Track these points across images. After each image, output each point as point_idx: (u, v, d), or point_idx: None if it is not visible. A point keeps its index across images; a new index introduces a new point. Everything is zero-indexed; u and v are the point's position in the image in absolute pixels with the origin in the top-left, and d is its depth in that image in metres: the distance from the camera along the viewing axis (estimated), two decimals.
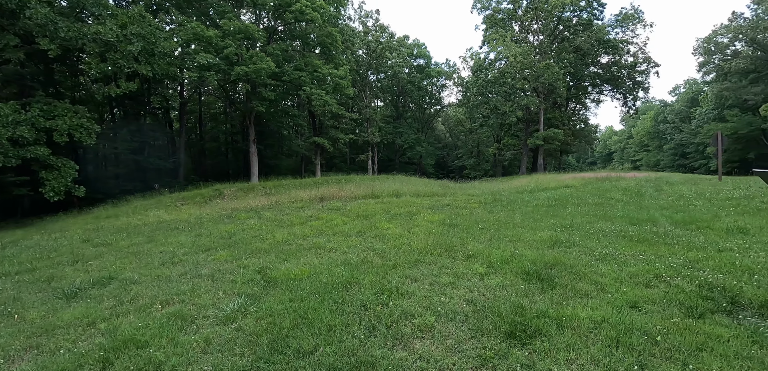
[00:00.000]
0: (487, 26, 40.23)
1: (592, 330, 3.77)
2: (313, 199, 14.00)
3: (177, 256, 7.62)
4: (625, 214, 10.07)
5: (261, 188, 20.59)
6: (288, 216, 11.26)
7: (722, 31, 44.32)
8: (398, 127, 48.75)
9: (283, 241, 8.37)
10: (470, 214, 10.93)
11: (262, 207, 13.23)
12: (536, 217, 10.18)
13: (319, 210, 12.01)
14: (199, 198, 18.34)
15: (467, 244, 7.36)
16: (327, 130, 35.32)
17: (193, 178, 35.80)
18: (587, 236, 7.79)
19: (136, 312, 4.84)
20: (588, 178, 20.82)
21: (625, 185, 16.44)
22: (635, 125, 74.55)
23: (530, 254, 6.40)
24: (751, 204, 10.46)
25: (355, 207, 12.02)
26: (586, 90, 44.28)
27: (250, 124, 28.73)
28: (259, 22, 29.97)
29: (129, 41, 18.19)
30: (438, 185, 22.27)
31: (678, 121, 60.15)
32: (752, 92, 40.04)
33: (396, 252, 6.91)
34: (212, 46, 22.49)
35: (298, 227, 9.79)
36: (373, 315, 4.26)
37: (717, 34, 44.77)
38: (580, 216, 10.10)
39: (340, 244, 7.81)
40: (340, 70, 28.00)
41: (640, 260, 6.00)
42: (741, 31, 42.01)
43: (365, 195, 14.19)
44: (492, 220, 9.88)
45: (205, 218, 12.12)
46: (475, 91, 40.45)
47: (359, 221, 10.09)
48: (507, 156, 50.22)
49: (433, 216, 10.48)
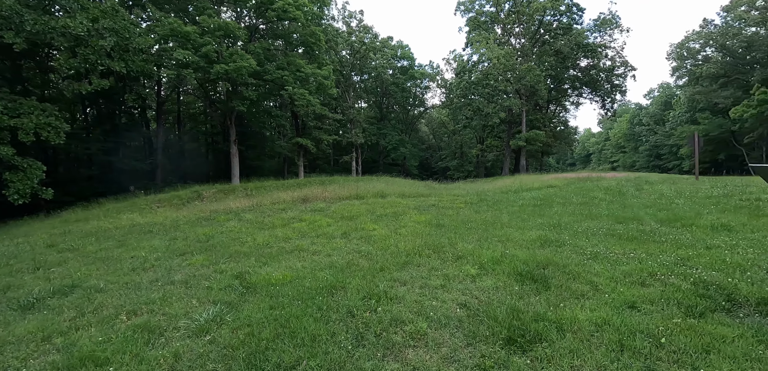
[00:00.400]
0: (470, 29, 40.49)
1: (594, 334, 3.56)
2: (296, 201, 13.56)
3: (149, 261, 7.11)
4: (610, 213, 10.06)
5: (242, 190, 19.95)
6: (269, 218, 10.80)
7: (694, 37, 45.89)
8: (382, 129, 48.52)
9: (264, 244, 7.94)
10: (457, 214, 10.73)
11: (243, 209, 12.71)
12: (523, 217, 10.05)
13: (302, 212, 11.59)
14: (177, 200, 17.59)
15: (456, 245, 7.12)
16: (310, 131, 34.74)
17: (171, 179, 34.58)
18: (576, 235, 7.67)
19: (99, 324, 4.38)
20: (570, 178, 21.05)
21: (606, 185, 16.62)
22: (612, 127, 76.54)
23: (521, 254, 6.20)
24: (730, 202, 10.62)
25: (339, 209, 11.66)
26: (566, 92, 45.11)
27: (231, 125, 27.95)
28: (240, 20, 29.23)
29: (101, 36, 17.31)
30: (423, 186, 22.12)
31: (652, 124, 62.01)
32: (722, 96, 41.55)
33: (383, 254, 6.60)
34: (190, 42, 21.71)
35: (279, 229, 9.36)
36: (360, 322, 3.93)
37: (689, 40, 46.33)
38: (566, 216, 10.03)
39: (324, 247, 7.44)
40: (323, 69, 27.54)
41: (631, 258, 5.87)
42: (712, 37, 43.58)
43: (349, 196, 13.84)
44: (479, 220, 9.69)
45: (182, 221, 11.52)
46: (459, 92, 40.63)
47: (344, 222, 9.74)
48: (490, 157, 50.66)
49: (419, 217, 10.22)
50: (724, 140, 42.98)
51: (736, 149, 42.92)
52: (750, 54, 41.30)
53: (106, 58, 18.12)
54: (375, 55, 43.93)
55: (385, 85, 48.75)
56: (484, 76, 37.56)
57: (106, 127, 34.39)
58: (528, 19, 38.10)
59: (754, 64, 41.30)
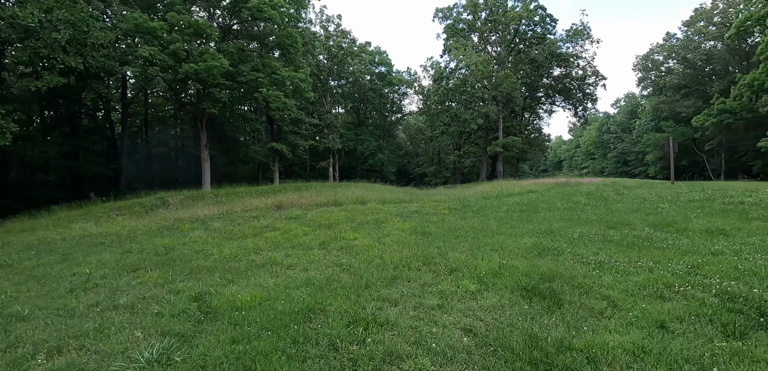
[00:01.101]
0: (447, 36, 40.47)
1: (632, 365, 2.91)
2: (270, 208, 12.55)
3: (92, 280, 6.03)
4: (599, 218, 9.68)
5: (212, 196, 18.64)
6: (240, 227, 9.79)
7: (658, 49, 47.78)
8: (360, 134, 47.71)
9: (232, 257, 6.99)
10: (442, 221, 10.08)
11: (211, 217, 11.60)
12: (512, 223, 9.51)
13: (276, 220, 10.63)
14: (139, 207, 16.13)
15: (447, 255, 6.43)
16: (286, 136, 33.46)
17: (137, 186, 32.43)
18: (572, 242, 7.14)
19: (8, 367, 3.37)
20: (549, 184, 20.90)
21: (586, 189, 16.48)
22: (582, 135, 78.91)
23: (521, 265, 5.57)
24: (714, 206, 10.49)
25: (316, 216, 10.78)
26: (540, 100, 45.81)
27: (202, 128, 26.41)
28: (213, 20, 27.81)
29: (55, 28, 15.74)
30: (403, 192, 21.48)
31: (620, 132, 64.26)
32: (685, 105, 43.28)
33: (367, 268, 5.82)
34: (157, 39, 20.26)
35: (250, 239, 8.40)
36: (346, 358, 3.14)
37: (653, 52, 48.19)
38: (556, 221, 9.58)
39: (300, 259, 6.58)
40: (300, 72, 26.50)
41: (640, 268, 5.35)
42: (674, 50, 45.46)
43: (327, 202, 12.96)
44: (467, 227, 9.07)
45: (141, 230, 10.32)
46: (436, 98, 40.44)
47: (322, 231, 8.88)
48: (467, 163, 50.75)
49: (403, 224, 9.50)
50: (686, 147, 44.71)
51: (698, 155, 44.78)
52: (709, 66, 43.31)
53: (61, 52, 16.52)
54: (353, 60, 43.17)
55: (363, 91, 48.05)
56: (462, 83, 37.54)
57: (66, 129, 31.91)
58: (504, 28, 38.46)
59: (713, 75, 43.32)
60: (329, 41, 41.32)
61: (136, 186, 32.76)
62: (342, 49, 41.32)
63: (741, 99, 35.82)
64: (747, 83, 35.12)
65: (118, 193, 26.52)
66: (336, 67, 42.77)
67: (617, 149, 63.99)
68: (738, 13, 38.62)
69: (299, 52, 28.11)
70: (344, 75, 45.24)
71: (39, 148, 29.81)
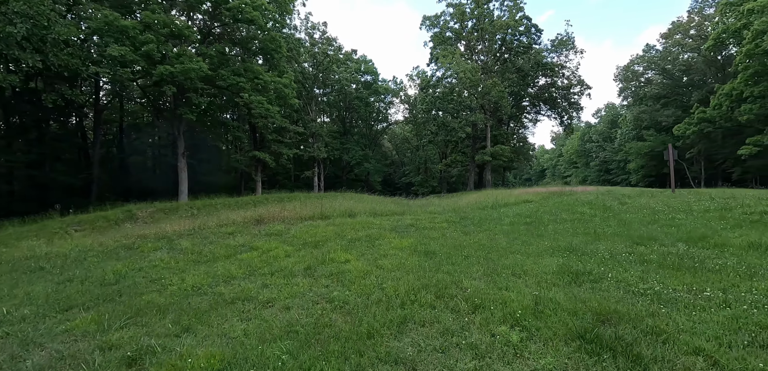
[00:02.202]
0: (434, 44, 39.77)
1: None
2: (249, 222, 11.09)
3: (6, 324, 4.53)
4: (616, 231, 8.64)
5: (187, 208, 16.97)
6: (211, 247, 8.33)
7: (637, 60, 48.32)
8: (346, 143, 46.32)
9: (195, 288, 5.57)
10: (444, 237, 8.87)
11: (181, 234, 10.07)
12: (522, 238, 8.37)
13: (255, 237, 9.20)
14: (103, 221, 14.36)
15: (462, 282, 5.19)
16: (269, 145, 31.79)
17: (109, 196, 30.21)
18: (604, 263, 6.01)
19: None
20: (543, 193, 20.02)
21: (585, 199, 15.58)
22: (565, 144, 79.56)
23: (561, 298, 4.37)
24: (734, 216, 9.62)
25: (301, 232, 9.41)
26: (525, 109, 45.55)
27: (180, 136, 24.61)
28: (193, 23, 26.16)
29: (9, 21, 13.97)
30: (393, 203, 20.20)
31: (601, 141, 64.89)
32: (665, 114, 43.68)
33: (366, 304, 4.52)
34: (129, 39, 18.58)
35: (222, 263, 6.98)
36: None
37: (634, 64, 48.73)
38: (569, 235, 8.49)
39: (280, 291, 5.21)
40: (284, 78, 25.07)
41: (709, 300, 4.21)
42: (653, 61, 46.01)
43: (313, 215, 11.59)
44: (473, 244, 7.88)
45: (94, 251, 8.72)
46: (424, 107, 39.59)
47: (307, 251, 7.52)
48: (454, 172, 49.94)
49: (400, 242, 8.23)
50: None
51: (678, 163, 45.11)
52: (687, 77, 43.92)
53: (16, 48, 14.73)
54: (338, 68, 41.97)
55: (349, 99, 46.83)
56: (450, 91, 36.80)
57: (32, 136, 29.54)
58: (490, 37, 38.00)
59: (691, 86, 43.94)
60: (314, 48, 40.03)
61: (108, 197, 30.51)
62: (327, 57, 40.08)
63: (720, 108, 36.19)
64: (726, 93, 35.52)
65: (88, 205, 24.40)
66: (321, 74, 41.44)
67: (599, 158, 64.53)
68: (716, 25, 39.31)
69: (283, 58, 26.73)
70: (330, 83, 43.96)
71: (2, 156, 27.43)
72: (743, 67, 33.04)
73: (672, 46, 44.85)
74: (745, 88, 33.29)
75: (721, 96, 36.06)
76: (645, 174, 48.98)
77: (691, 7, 46.37)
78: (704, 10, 44.95)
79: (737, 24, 35.10)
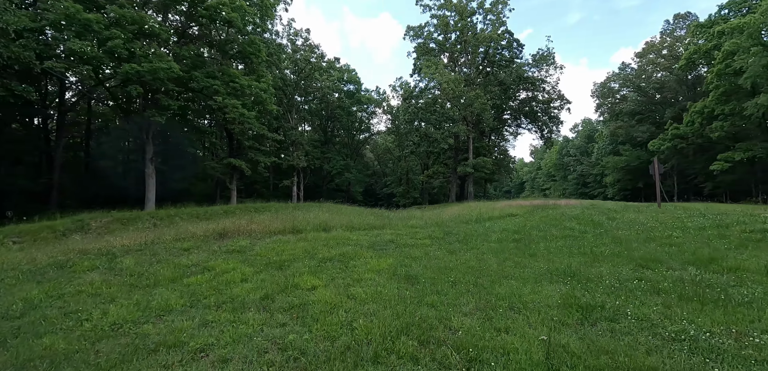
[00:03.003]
0: (418, 55, 39.25)
1: None
2: (211, 236, 9.79)
3: None
4: (614, 252, 7.82)
5: (149, 219, 15.39)
6: (156, 267, 7.03)
7: (613, 78, 49.23)
8: (327, 153, 45.00)
9: (114, 326, 4.33)
10: (427, 257, 7.85)
11: (129, 249, 8.68)
12: (515, 259, 7.43)
13: (213, 254, 7.94)
14: (48, 232, 12.68)
15: (450, 321, 4.17)
16: (246, 152, 30.22)
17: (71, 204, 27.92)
18: (613, 292, 5.10)
19: None
20: (527, 206, 19.31)
21: (571, 213, 14.92)
22: (544, 158, 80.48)
23: (579, 348, 3.38)
24: (733, 233, 8.98)
25: (266, 249, 8.20)
26: (507, 122, 45.49)
27: (148, 140, 22.89)
28: (169, 24, 24.56)
29: None
30: (372, 215, 19.06)
31: (579, 155, 65.80)
32: (640, 130, 44.41)
33: (328, 357, 3.41)
34: (92, 33, 16.98)
35: (162, 289, 5.72)
36: None
37: (610, 81, 49.62)
38: (565, 256, 7.62)
39: (221, 333, 4.04)
40: (261, 82, 23.73)
41: (758, 348, 3.31)
42: (628, 79, 46.91)
43: (283, 229, 10.36)
44: (461, 266, 6.88)
45: (20, 269, 7.25)
46: (406, 117, 38.88)
47: (269, 274, 6.35)
48: (436, 184, 49.30)
49: (378, 262, 7.15)
50: (642, 170, 45.70)
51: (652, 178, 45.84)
52: (661, 94, 44.91)
53: None
54: (321, 76, 40.84)
55: (331, 108, 45.69)
56: (433, 102, 36.23)
57: None
58: (473, 50, 37.75)
59: (664, 103, 44.91)
60: (296, 54, 38.83)
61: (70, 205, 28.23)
62: (309, 63, 38.92)
63: (693, 125, 36.91)
64: (698, 110, 36.28)
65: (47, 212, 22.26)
66: (303, 81, 40.20)
67: (577, 171, 65.34)
68: (687, 46, 40.36)
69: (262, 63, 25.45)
70: (311, 90, 42.75)
71: None
72: (714, 86, 33.80)
73: (646, 65, 45.87)
74: (716, 106, 34.03)
75: (693, 113, 36.80)
76: (621, 187, 49.62)
77: (664, 29, 47.83)
78: (675, 32, 46.34)
79: (708, 45, 36.05)
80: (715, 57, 33.97)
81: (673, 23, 47.31)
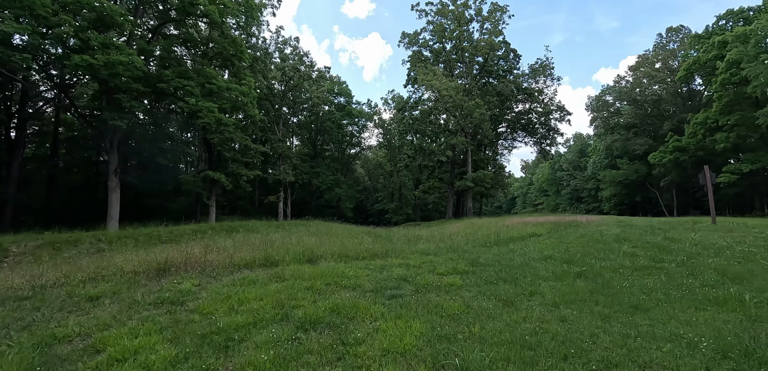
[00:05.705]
0: (412, 64, 36.81)
1: None
2: (145, 272, 6.60)
3: None
4: (744, 297, 4.95)
5: (94, 242, 12.04)
6: (16, 336, 3.86)
7: (609, 91, 47.61)
8: (315, 167, 41.73)
9: None
10: (471, 313, 4.86)
11: (4, 298, 5.46)
12: (608, 312, 4.48)
13: (127, 310, 4.80)
14: None
15: None
16: (227, 164, 26.88)
17: (26, 220, 24.17)
18: None
19: None
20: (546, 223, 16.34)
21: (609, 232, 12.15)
22: (535, 173, 78.55)
23: None
24: None
25: (216, 299, 5.09)
26: (502, 135, 43.22)
27: (112, 148, 19.49)
28: (142, 23, 21.49)
29: None
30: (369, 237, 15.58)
31: (572, 169, 63.90)
32: (637, 143, 42.57)
33: None
34: (34, 16, 13.84)
35: None
36: None
37: (605, 94, 48.01)
38: (683, 307, 4.71)
39: None
40: (242, 85, 20.66)
41: None
42: (623, 92, 45.30)
43: (253, 260, 7.22)
44: (543, 340, 3.90)
45: None
46: (400, 129, 36.21)
47: (197, 368, 3.25)
48: (430, 199, 46.41)
49: (397, 331, 4.13)
50: (640, 183, 43.84)
51: (650, 191, 43.91)
52: (656, 107, 43.29)
53: None
54: (310, 86, 37.95)
55: (321, 121, 42.74)
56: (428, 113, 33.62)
57: None
58: (470, 59, 35.49)
59: (659, 116, 43.28)
60: (285, 63, 35.90)
61: (26, 221, 24.45)
62: (298, 72, 36.01)
63: (695, 136, 35.08)
64: (700, 121, 34.50)
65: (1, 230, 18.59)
66: (290, 93, 37.17)
67: (570, 186, 63.35)
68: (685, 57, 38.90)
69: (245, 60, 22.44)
70: (300, 102, 39.78)
71: None
72: (718, 97, 32.06)
73: (641, 78, 44.36)
74: (719, 117, 32.23)
75: (695, 125, 34.99)
76: (617, 202, 47.55)
77: (657, 43, 46.64)
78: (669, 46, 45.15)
79: (707, 55, 34.47)
80: (715, 67, 32.33)
81: (666, 37, 46.19)
